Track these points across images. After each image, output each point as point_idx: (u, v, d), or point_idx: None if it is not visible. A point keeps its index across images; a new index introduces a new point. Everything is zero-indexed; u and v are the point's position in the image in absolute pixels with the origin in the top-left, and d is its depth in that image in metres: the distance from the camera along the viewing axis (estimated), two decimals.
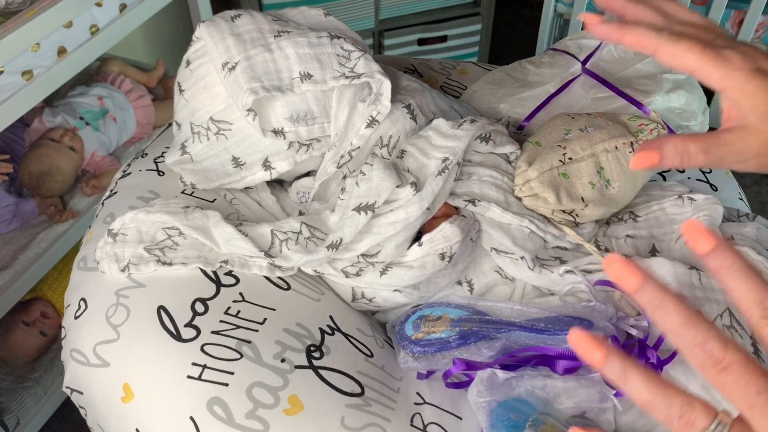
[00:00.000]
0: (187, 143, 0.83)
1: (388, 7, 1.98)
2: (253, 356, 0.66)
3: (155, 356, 0.67)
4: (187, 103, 0.82)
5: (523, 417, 0.64)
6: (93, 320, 0.72)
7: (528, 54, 1.24)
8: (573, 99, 1.00)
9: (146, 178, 0.87)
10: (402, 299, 0.76)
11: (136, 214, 0.76)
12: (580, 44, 1.07)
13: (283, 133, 0.78)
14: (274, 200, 0.85)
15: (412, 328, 0.73)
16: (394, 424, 0.66)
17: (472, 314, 0.72)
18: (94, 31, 1.26)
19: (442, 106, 0.89)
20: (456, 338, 0.70)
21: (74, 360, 0.71)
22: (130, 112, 1.53)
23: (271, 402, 0.64)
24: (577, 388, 0.67)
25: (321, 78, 0.77)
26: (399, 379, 0.72)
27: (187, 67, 0.83)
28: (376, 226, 0.72)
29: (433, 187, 0.73)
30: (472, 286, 0.78)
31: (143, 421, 0.65)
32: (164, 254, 0.74)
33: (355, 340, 0.73)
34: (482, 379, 0.68)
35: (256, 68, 0.76)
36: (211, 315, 0.69)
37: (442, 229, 0.73)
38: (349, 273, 0.74)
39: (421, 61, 1.16)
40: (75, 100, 1.46)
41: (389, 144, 0.80)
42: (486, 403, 0.66)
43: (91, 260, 0.77)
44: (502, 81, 1.07)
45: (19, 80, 1.13)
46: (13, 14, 1.13)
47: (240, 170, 0.81)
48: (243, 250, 0.73)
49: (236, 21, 0.81)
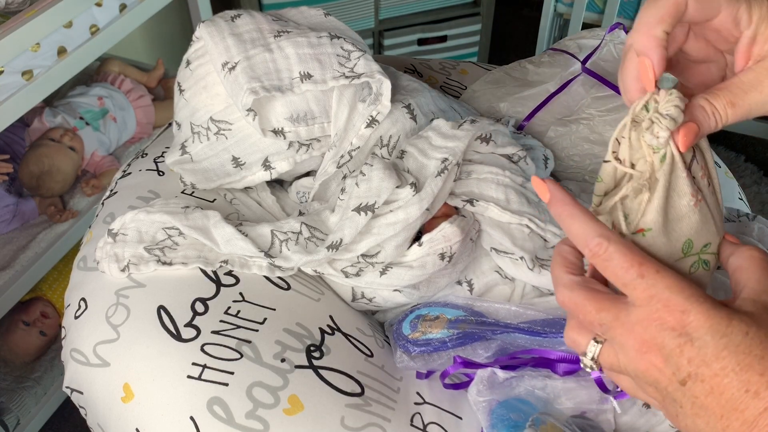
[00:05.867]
0: (187, 143, 0.83)
1: (388, 7, 1.98)
2: (253, 356, 0.66)
3: (155, 356, 0.67)
4: (187, 103, 0.82)
5: (524, 417, 0.64)
6: (93, 320, 0.72)
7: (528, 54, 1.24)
8: (573, 98, 1.00)
9: (146, 178, 0.87)
10: (402, 299, 0.76)
11: (136, 214, 0.76)
12: (580, 44, 1.07)
13: (283, 133, 0.78)
14: (274, 200, 0.85)
15: (410, 327, 0.73)
16: (394, 424, 0.66)
17: (469, 315, 0.72)
18: (94, 31, 1.26)
19: (442, 106, 0.89)
20: (452, 339, 0.70)
21: (74, 360, 0.71)
22: (130, 112, 1.53)
23: (271, 402, 0.64)
24: (578, 389, 0.67)
25: (321, 78, 0.77)
26: (399, 378, 0.72)
27: (187, 67, 0.83)
28: (375, 227, 0.72)
29: (432, 188, 0.73)
30: (471, 285, 0.78)
31: (143, 421, 0.65)
32: (164, 254, 0.74)
33: (355, 339, 0.73)
34: (482, 378, 0.68)
35: (256, 68, 0.76)
36: (211, 315, 0.69)
37: (441, 229, 0.73)
38: (348, 273, 0.74)
39: (421, 61, 1.16)
40: (75, 100, 1.46)
41: (389, 144, 0.80)
42: (486, 402, 0.66)
43: (91, 260, 0.77)
44: (501, 81, 1.07)
45: (19, 80, 1.13)
46: (13, 14, 1.13)
47: (240, 170, 0.81)
48: (243, 250, 0.73)
49: (236, 21, 0.81)
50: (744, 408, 0.34)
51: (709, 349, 0.35)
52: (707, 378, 0.35)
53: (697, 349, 0.35)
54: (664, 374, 0.37)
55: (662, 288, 0.36)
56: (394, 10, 2.00)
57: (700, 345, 0.35)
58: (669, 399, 0.37)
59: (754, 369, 0.34)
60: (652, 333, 0.36)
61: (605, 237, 0.38)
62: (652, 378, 0.37)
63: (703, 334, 0.35)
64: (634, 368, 0.38)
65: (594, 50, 1.04)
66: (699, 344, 0.35)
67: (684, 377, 0.36)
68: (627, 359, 0.38)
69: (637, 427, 0.67)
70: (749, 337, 0.34)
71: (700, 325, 0.35)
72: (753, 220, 0.88)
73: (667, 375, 0.37)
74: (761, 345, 0.34)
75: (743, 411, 0.34)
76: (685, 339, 0.35)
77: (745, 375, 0.34)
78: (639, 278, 0.36)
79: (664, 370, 0.37)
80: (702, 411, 0.36)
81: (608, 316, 0.38)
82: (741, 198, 1.00)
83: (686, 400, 0.36)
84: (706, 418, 0.36)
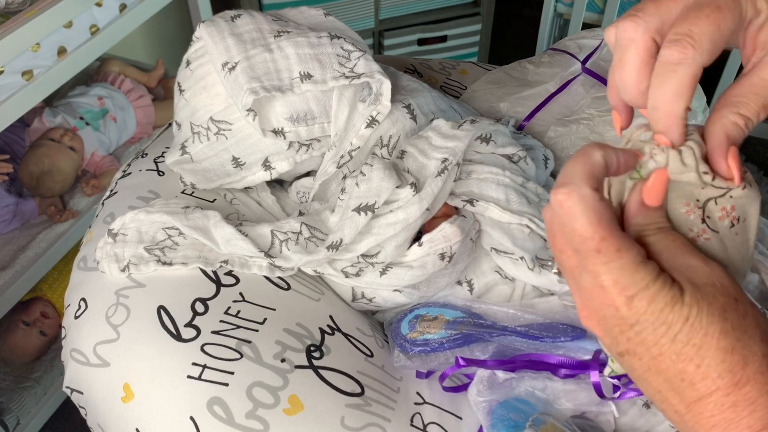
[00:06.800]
0: (187, 143, 0.83)
1: (388, 7, 1.98)
2: (253, 356, 0.66)
3: (155, 356, 0.67)
4: (187, 103, 0.82)
5: (524, 417, 0.64)
6: (93, 320, 0.72)
7: (528, 54, 1.24)
8: (573, 98, 1.00)
9: (146, 178, 0.87)
10: (402, 299, 0.76)
11: (136, 214, 0.76)
12: (580, 44, 1.07)
13: (283, 133, 0.78)
14: (274, 200, 0.85)
15: (408, 327, 0.73)
16: (394, 424, 0.66)
17: (468, 317, 0.72)
18: (94, 31, 1.26)
19: (442, 106, 0.89)
20: (450, 340, 0.70)
21: (74, 360, 0.71)
22: (130, 112, 1.53)
23: (271, 402, 0.64)
24: (578, 390, 0.67)
25: (321, 78, 0.77)
26: (399, 378, 0.72)
27: (187, 67, 0.83)
28: (375, 227, 0.72)
29: (432, 188, 0.73)
30: (471, 285, 0.78)
31: (143, 421, 0.65)
32: (164, 254, 0.74)
33: (355, 340, 0.73)
34: (482, 378, 0.68)
35: (256, 68, 0.76)
36: (211, 315, 0.69)
37: (441, 229, 0.73)
38: (349, 273, 0.74)
39: (421, 61, 1.16)
40: (75, 100, 1.46)
41: (389, 144, 0.80)
42: (486, 402, 0.66)
43: (91, 260, 0.77)
44: (502, 81, 1.07)
45: (19, 80, 1.13)
46: (13, 14, 1.14)
47: (240, 170, 0.81)
48: (243, 250, 0.73)
49: (236, 21, 0.81)
50: (681, 392, 0.35)
51: (647, 335, 0.34)
52: (645, 359, 0.35)
53: (636, 333, 0.34)
54: (604, 341, 0.37)
55: (615, 267, 0.34)
56: (394, 10, 2.00)
57: (639, 330, 0.34)
58: (613, 354, 0.38)
59: (691, 360, 0.34)
60: (596, 305, 0.35)
61: (578, 189, 0.34)
62: (595, 334, 0.38)
63: (643, 320, 0.34)
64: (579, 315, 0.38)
65: (594, 50, 1.04)
66: (638, 329, 0.34)
67: (622, 351, 0.36)
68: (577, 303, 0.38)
69: (637, 428, 0.67)
70: (689, 325, 0.34)
71: (643, 311, 0.34)
72: None
73: (606, 343, 0.37)
74: (700, 332, 0.34)
75: (681, 394, 0.35)
76: (624, 321, 0.34)
77: (681, 365, 0.34)
78: (595, 253, 0.34)
79: (604, 339, 0.37)
80: (640, 381, 0.37)
81: (574, 260, 0.36)
82: None
83: (626, 366, 0.37)
84: (645, 385, 0.36)
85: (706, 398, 0.34)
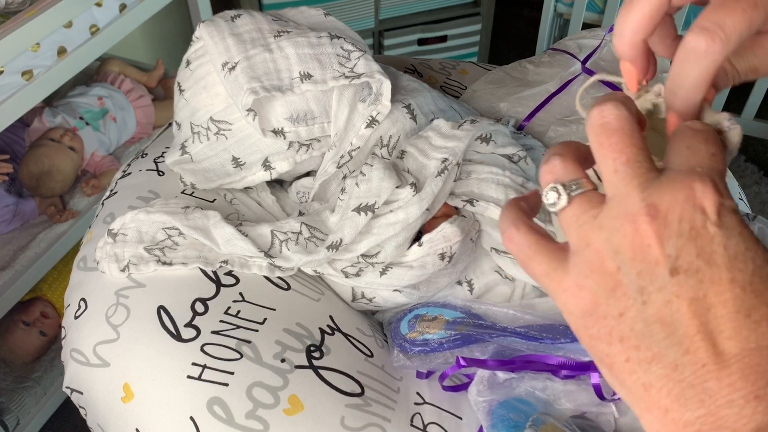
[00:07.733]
0: (187, 143, 0.83)
1: (388, 7, 1.98)
2: (253, 356, 0.66)
3: (155, 356, 0.67)
4: (187, 103, 0.82)
5: (524, 417, 0.64)
6: (93, 320, 0.72)
7: (528, 54, 1.25)
8: (573, 98, 1.00)
9: (146, 178, 0.87)
10: (402, 299, 0.76)
11: (136, 214, 0.76)
12: (580, 44, 1.07)
13: (283, 133, 0.78)
14: (274, 200, 0.85)
15: (407, 326, 0.73)
16: (394, 424, 0.66)
17: (468, 317, 0.72)
18: (94, 31, 1.26)
19: (442, 106, 0.89)
20: (449, 340, 0.70)
21: (74, 360, 0.71)
22: (130, 112, 1.53)
23: (271, 402, 0.64)
24: (578, 391, 0.67)
25: (321, 78, 0.77)
26: (399, 379, 0.72)
27: (187, 67, 0.83)
28: (375, 227, 0.72)
29: (432, 188, 0.73)
30: (472, 286, 0.78)
31: (143, 421, 0.65)
32: (164, 254, 0.74)
33: (355, 340, 0.73)
34: (482, 378, 0.68)
35: (256, 68, 0.76)
36: (211, 315, 0.69)
37: (441, 230, 0.73)
38: (348, 273, 0.74)
39: (421, 61, 1.16)
40: (75, 100, 1.46)
41: (389, 144, 0.80)
42: (486, 402, 0.66)
43: (91, 260, 0.77)
44: (502, 81, 1.07)
45: (19, 80, 1.13)
46: (13, 14, 1.14)
47: (240, 170, 0.81)
48: (243, 250, 0.73)
49: (236, 21, 0.81)
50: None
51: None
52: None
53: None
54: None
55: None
56: (394, 10, 2.00)
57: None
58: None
59: (581, 337, 0.33)
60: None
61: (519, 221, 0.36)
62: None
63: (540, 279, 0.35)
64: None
65: (594, 50, 1.04)
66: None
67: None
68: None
69: (637, 428, 0.67)
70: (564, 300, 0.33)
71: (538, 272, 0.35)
72: (753, 220, 0.88)
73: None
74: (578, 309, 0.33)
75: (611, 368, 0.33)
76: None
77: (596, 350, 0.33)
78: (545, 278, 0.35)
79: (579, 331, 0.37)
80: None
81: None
82: (741, 198, 1.00)
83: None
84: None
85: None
